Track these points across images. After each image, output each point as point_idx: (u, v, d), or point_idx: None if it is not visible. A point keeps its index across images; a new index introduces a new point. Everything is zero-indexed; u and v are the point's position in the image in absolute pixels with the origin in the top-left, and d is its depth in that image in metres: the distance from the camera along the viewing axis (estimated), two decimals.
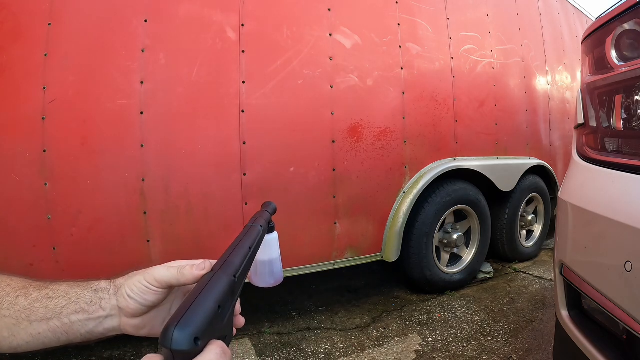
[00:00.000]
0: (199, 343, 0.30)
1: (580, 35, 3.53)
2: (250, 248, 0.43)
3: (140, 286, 0.45)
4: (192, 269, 0.43)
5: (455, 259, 2.63)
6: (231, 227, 1.78)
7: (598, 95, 1.04)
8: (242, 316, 0.45)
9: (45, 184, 1.56)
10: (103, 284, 0.47)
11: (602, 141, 1.02)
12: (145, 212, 1.65)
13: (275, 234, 0.50)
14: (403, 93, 2.22)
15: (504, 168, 2.75)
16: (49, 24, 1.57)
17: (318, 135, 1.95)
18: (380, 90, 2.15)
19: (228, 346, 0.34)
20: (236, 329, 0.44)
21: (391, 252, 2.17)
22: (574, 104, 3.29)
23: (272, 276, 0.47)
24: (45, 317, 0.45)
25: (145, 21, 1.65)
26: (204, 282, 0.35)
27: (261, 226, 0.48)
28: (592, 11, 3.98)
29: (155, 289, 0.45)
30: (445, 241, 2.53)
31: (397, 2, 2.23)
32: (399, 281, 2.63)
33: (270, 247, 0.47)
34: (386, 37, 2.18)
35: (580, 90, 1.15)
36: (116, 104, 1.62)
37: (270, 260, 0.47)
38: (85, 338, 0.48)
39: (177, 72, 1.69)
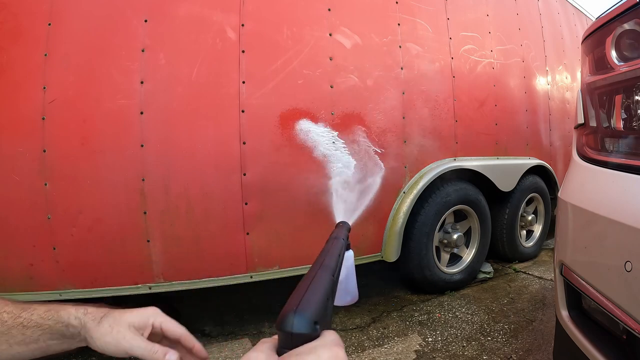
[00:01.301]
0: (318, 327, 0.31)
1: (580, 35, 3.53)
2: (339, 256, 0.43)
3: (114, 342, 0.50)
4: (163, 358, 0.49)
5: (455, 259, 2.63)
6: (231, 227, 1.78)
7: (598, 95, 1.04)
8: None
9: (45, 184, 1.56)
10: (73, 319, 0.51)
11: (602, 141, 1.02)
12: (145, 212, 1.65)
13: (351, 252, 0.50)
14: (403, 93, 2.22)
15: (504, 168, 2.75)
16: (49, 24, 1.57)
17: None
18: (380, 90, 2.15)
19: None
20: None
21: (391, 252, 2.17)
22: (574, 104, 3.29)
23: (348, 294, 0.47)
24: (24, 342, 0.49)
25: (145, 21, 1.65)
26: (310, 277, 0.36)
27: (343, 239, 0.48)
28: (592, 11, 3.98)
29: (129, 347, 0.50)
30: (445, 241, 2.53)
31: (397, 2, 2.23)
32: (399, 281, 2.63)
33: (347, 264, 0.47)
34: (386, 37, 2.18)
35: (580, 90, 1.15)
36: (116, 104, 1.62)
37: (347, 278, 0.47)
38: (65, 350, 0.53)
39: (177, 72, 1.69)
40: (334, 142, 1.99)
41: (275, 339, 0.32)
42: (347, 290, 0.47)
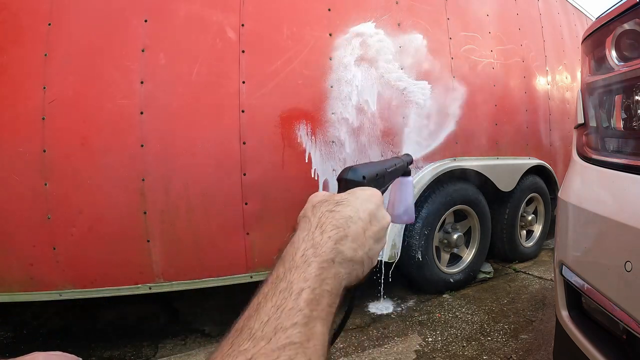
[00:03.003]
0: (365, 180, 0.44)
1: (580, 35, 3.53)
2: (395, 165, 0.54)
3: None
4: None
5: (455, 259, 2.63)
6: (231, 227, 1.78)
7: (598, 95, 1.04)
8: None
9: (45, 184, 1.56)
10: None
11: (602, 141, 1.02)
12: (145, 212, 1.65)
13: (411, 178, 0.59)
14: (403, 93, 2.22)
15: (504, 168, 2.75)
16: (49, 24, 1.57)
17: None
18: (380, 90, 2.14)
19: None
20: None
21: (391, 253, 2.17)
22: (574, 104, 3.29)
23: (406, 214, 0.55)
24: None
25: (145, 21, 1.65)
26: (385, 160, 0.50)
27: (404, 160, 0.58)
28: (592, 11, 3.98)
29: None
30: (445, 241, 2.53)
31: (397, 3, 2.23)
32: (399, 281, 2.63)
33: (407, 188, 0.55)
34: (387, 35, 2.17)
35: (580, 90, 1.15)
36: (116, 104, 1.62)
37: (405, 198, 0.55)
38: None
39: (177, 72, 1.69)
40: (333, 142, 2.00)
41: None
42: (407, 211, 0.55)
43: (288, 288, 0.31)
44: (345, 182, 0.43)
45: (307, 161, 1.92)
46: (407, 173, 0.61)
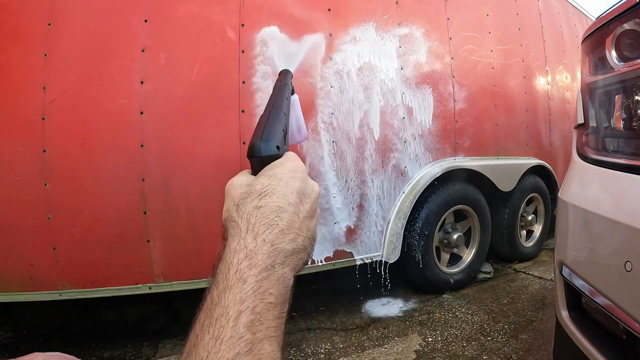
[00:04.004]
0: (280, 150, 0.39)
1: (580, 35, 3.53)
2: (287, 99, 0.50)
3: None
4: None
5: (455, 259, 2.63)
6: None
7: (598, 95, 1.04)
8: None
9: (45, 184, 1.56)
10: None
11: (602, 141, 1.02)
12: (145, 212, 1.65)
13: (296, 96, 0.56)
14: (403, 93, 2.22)
15: (504, 168, 2.75)
16: (49, 24, 1.57)
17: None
18: (380, 91, 2.15)
19: None
20: None
21: (391, 253, 2.17)
22: (574, 104, 3.29)
23: (299, 133, 0.54)
24: None
25: (145, 21, 1.65)
26: (266, 115, 0.43)
27: (289, 84, 0.54)
28: (592, 11, 3.97)
29: None
30: (445, 241, 2.53)
31: (397, 3, 2.23)
32: (399, 281, 2.63)
33: (294, 107, 0.53)
34: (386, 37, 2.18)
35: (580, 90, 1.15)
36: (116, 104, 1.62)
37: (297, 119, 0.53)
38: None
39: (177, 72, 1.69)
40: (334, 142, 2.00)
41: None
42: (299, 130, 0.53)
43: (224, 314, 0.28)
44: (260, 160, 0.38)
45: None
46: (292, 91, 0.57)
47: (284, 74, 0.57)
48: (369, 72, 2.10)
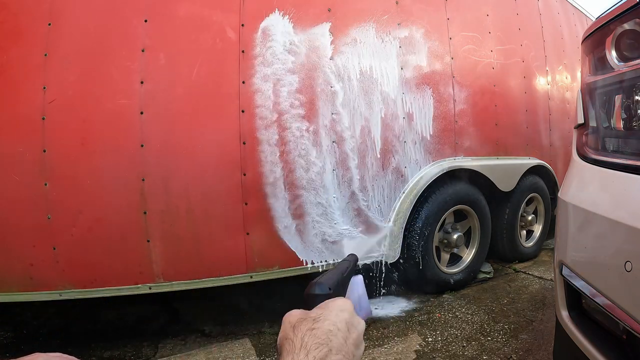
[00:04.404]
0: (331, 291, 0.47)
1: (580, 35, 3.53)
2: (347, 269, 0.57)
3: None
4: None
5: (455, 259, 2.63)
6: (231, 227, 1.78)
7: (598, 95, 1.04)
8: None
9: (45, 184, 1.56)
10: None
11: (602, 141, 1.02)
12: (145, 212, 1.65)
13: (360, 277, 0.62)
14: (403, 94, 2.22)
15: (504, 168, 2.75)
16: (49, 24, 1.57)
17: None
18: (380, 91, 2.15)
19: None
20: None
21: (391, 252, 2.17)
22: (574, 104, 3.29)
23: (362, 310, 0.58)
24: None
25: (145, 21, 1.65)
26: (337, 265, 0.56)
27: (349, 261, 0.61)
28: (592, 11, 3.97)
29: None
30: (445, 241, 2.53)
31: (397, 3, 2.23)
32: (399, 281, 2.63)
33: (356, 286, 0.59)
34: (387, 37, 2.18)
35: (580, 90, 1.15)
36: (116, 104, 1.62)
37: (358, 297, 0.58)
38: None
39: (177, 72, 1.69)
40: (333, 142, 2.00)
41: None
42: (361, 307, 0.58)
43: None
44: (314, 297, 0.46)
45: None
46: (357, 272, 0.65)
47: (352, 255, 0.66)
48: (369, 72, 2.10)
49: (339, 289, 0.51)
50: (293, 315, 0.43)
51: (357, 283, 0.61)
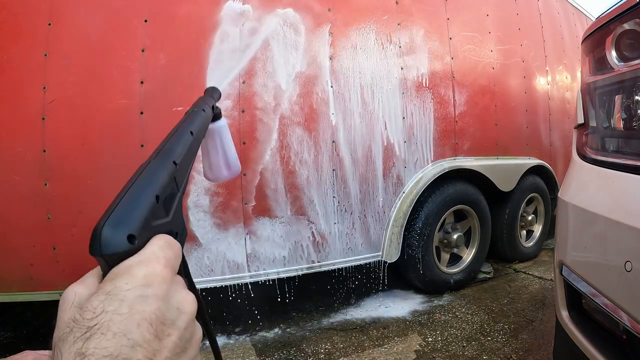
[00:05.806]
0: (135, 242, 0.24)
1: (580, 35, 3.53)
2: (192, 132, 0.36)
3: None
4: None
5: (455, 259, 2.63)
6: (231, 227, 1.78)
7: (598, 95, 1.04)
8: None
9: (45, 184, 1.56)
10: None
11: (602, 141, 1.02)
12: None
13: (224, 120, 0.42)
14: (403, 93, 2.22)
15: (504, 168, 2.75)
16: (49, 24, 1.57)
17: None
18: (380, 91, 2.15)
19: (183, 247, 0.28)
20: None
21: (391, 253, 2.17)
22: (574, 104, 3.29)
23: (227, 168, 0.41)
24: None
25: (145, 21, 1.65)
26: (137, 173, 0.29)
27: (204, 110, 0.40)
28: (592, 11, 3.97)
29: None
30: (445, 241, 2.53)
31: (397, 3, 2.23)
32: (399, 281, 2.63)
33: (221, 135, 0.40)
34: (386, 37, 2.18)
35: (580, 90, 1.15)
36: (116, 104, 1.62)
37: (222, 150, 0.40)
38: None
39: (177, 72, 1.69)
40: (333, 142, 2.00)
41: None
42: (227, 163, 0.41)
43: None
44: (105, 261, 0.24)
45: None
46: (217, 115, 0.44)
47: (203, 97, 0.43)
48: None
49: (156, 223, 0.27)
50: (62, 308, 0.23)
51: (221, 131, 0.40)
